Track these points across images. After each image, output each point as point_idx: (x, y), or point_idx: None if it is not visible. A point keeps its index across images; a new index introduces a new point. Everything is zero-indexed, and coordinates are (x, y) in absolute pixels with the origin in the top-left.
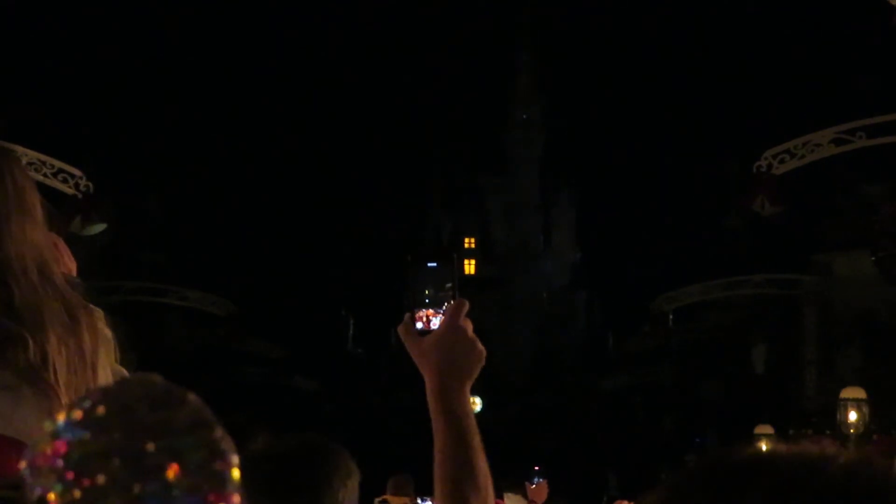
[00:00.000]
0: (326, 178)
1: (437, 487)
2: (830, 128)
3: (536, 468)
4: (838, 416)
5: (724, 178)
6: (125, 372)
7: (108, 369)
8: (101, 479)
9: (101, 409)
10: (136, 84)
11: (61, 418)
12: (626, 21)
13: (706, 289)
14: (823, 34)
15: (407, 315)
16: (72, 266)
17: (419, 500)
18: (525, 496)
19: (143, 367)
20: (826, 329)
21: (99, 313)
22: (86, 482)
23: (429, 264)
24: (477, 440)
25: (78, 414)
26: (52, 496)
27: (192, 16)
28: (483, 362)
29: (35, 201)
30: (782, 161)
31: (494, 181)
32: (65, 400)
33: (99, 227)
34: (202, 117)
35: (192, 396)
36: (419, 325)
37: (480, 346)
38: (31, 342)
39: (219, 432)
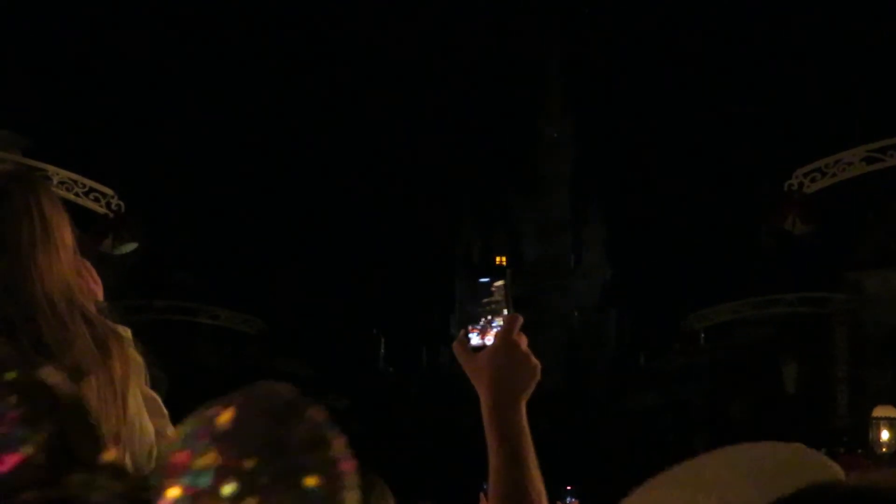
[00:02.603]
0: (358, 198)
1: None
2: (861, 146)
3: (569, 488)
4: (870, 435)
5: (756, 196)
6: (155, 395)
7: (138, 395)
8: (216, 493)
9: (223, 422)
10: (168, 104)
11: (189, 426)
12: (656, 40)
13: (737, 307)
14: (852, 54)
15: (462, 331)
16: (97, 289)
17: None
18: None
19: (174, 385)
20: (857, 347)
21: (128, 335)
22: (202, 495)
23: (480, 280)
24: (531, 458)
25: (203, 424)
26: (167, 499)
27: (226, 39)
28: (538, 377)
29: (64, 230)
30: (813, 180)
31: (525, 200)
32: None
33: (130, 247)
34: (235, 137)
35: (312, 412)
36: (474, 341)
37: (535, 360)
38: None
39: (336, 451)
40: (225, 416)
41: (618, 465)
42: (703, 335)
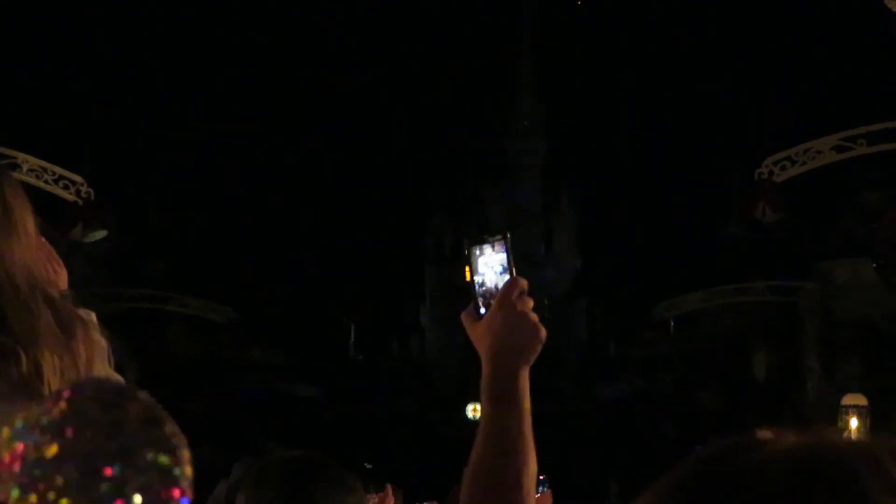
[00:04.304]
0: (327, 185)
1: (463, 487)
2: (831, 135)
3: (541, 477)
4: (839, 423)
5: (726, 185)
6: (120, 378)
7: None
8: (56, 481)
9: (55, 413)
10: (137, 91)
11: (18, 423)
12: (628, 30)
13: (707, 296)
14: (823, 41)
15: (472, 302)
16: (62, 275)
17: None
18: None
19: (145, 374)
20: (827, 336)
21: (91, 319)
22: (41, 486)
23: (483, 246)
24: (520, 434)
25: (34, 418)
26: (10, 501)
27: (196, 23)
28: (542, 340)
29: (26, 217)
30: (783, 168)
31: (495, 188)
32: None
33: (99, 234)
34: (203, 125)
35: (142, 394)
36: (482, 310)
37: (534, 321)
38: (24, 356)
39: (169, 428)
40: (56, 408)
41: (588, 454)
42: (672, 324)
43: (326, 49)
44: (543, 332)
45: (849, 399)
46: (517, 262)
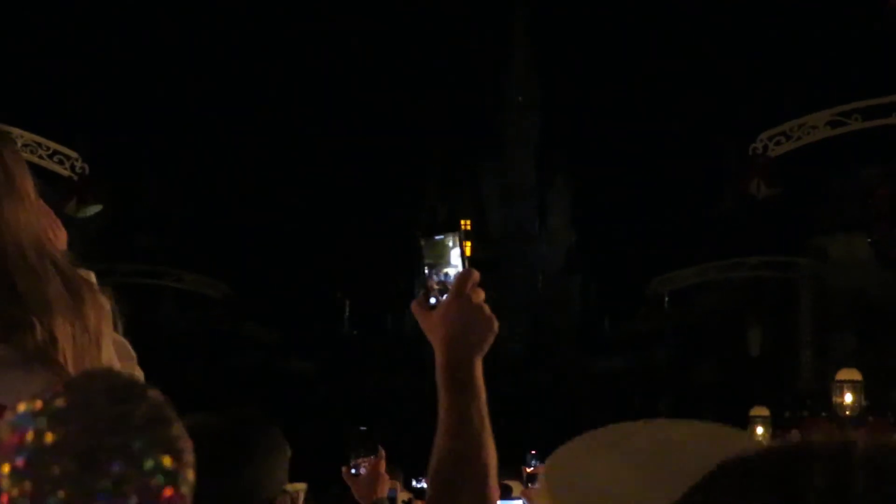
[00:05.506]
0: (321, 161)
1: (429, 482)
2: (826, 110)
3: (533, 452)
4: (833, 399)
5: (720, 160)
6: (123, 340)
7: (109, 341)
8: (54, 470)
9: (61, 402)
10: (132, 66)
11: (22, 408)
12: (623, 6)
13: (702, 271)
14: (819, 16)
15: (421, 291)
16: (61, 235)
17: (413, 481)
18: (522, 481)
19: (139, 349)
20: (822, 311)
21: (92, 279)
22: (38, 473)
23: (436, 237)
24: (480, 420)
25: (38, 405)
26: (4, 485)
27: (189, 2)
28: (495, 331)
29: (27, 183)
30: (778, 143)
31: (490, 164)
32: None
33: (94, 209)
34: (198, 100)
35: (152, 392)
36: (432, 300)
37: (489, 314)
38: (38, 325)
39: (176, 430)
40: (62, 396)
41: (583, 429)
42: (667, 299)
43: (320, 25)
44: (497, 325)
45: (843, 374)
46: (512, 237)
